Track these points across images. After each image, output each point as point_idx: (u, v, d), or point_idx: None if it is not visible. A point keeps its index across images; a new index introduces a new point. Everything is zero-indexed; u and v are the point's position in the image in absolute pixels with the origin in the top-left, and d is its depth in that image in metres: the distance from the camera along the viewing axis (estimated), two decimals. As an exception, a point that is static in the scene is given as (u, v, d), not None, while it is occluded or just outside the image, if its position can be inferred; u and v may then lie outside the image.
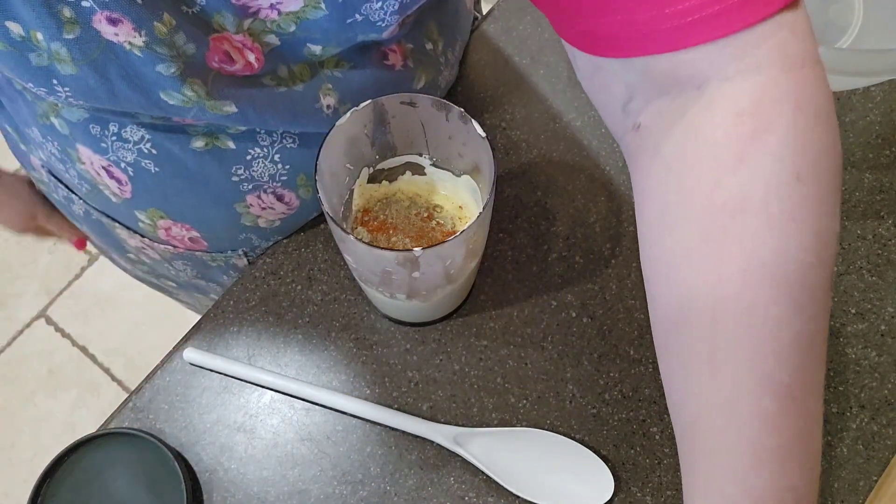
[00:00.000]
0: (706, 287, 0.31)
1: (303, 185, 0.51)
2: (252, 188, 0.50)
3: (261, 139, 0.47)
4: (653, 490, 0.47)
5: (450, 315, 0.53)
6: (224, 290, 0.57)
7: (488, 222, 0.43)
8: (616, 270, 0.54)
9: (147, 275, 0.67)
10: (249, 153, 0.48)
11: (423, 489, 0.48)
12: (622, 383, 0.50)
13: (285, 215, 0.53)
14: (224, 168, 0.48)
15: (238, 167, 0.48)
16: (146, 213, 0.52)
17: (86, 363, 1.50)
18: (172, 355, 0.53)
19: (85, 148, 0.47)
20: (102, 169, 0.48)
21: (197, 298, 0.71)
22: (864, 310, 0.52)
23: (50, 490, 0.49)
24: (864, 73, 0.51)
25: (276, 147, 0.48)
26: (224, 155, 0.47)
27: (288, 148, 0.48)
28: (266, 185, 0.50)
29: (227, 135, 0.46)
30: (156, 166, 0.47)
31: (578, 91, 0.60)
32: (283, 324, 0.54)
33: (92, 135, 0.46)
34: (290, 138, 0.48)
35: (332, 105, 0.47)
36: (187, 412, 0.52)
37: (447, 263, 0.42)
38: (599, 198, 0.56)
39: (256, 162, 0.48)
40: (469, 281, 0.49)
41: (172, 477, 0.48)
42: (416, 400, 0.51)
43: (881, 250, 0.53)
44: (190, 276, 0.63)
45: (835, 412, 0.49)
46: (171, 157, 0.47)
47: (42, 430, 1.44)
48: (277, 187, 0.50)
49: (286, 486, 0.49)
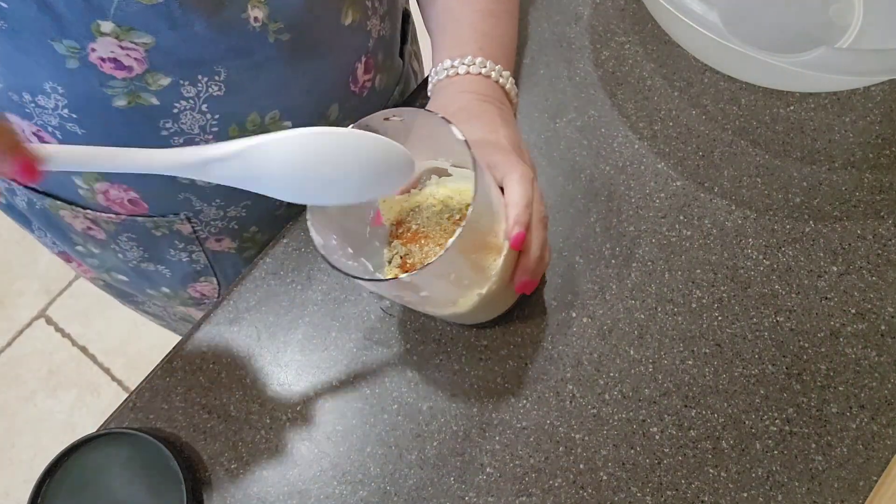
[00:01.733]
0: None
1: (236, 137, 0.50)
2: (183, 142, 0.49)
3: (185, 90, 0.46)
4: (653, 490, 0.48)
5: (516, 306, 0.52)
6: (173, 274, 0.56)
7: (485, 222, 0.42)
8: (616, 270, 0.54)
9: (99, 271, 0.67)
10: (175, 106, 0.47)
11: (423, 489, 0.48)
12: (622, 383, 0.50)
13: None
14: (151, 123, 0.47)
15: (166, 121, 0.48)
16: (82, 177, 0.52)
17: (86, 363, 1.50)
18: (172, 355, 0.53)
19: (13, 115, 0.47)
20: (33, 135, 0.48)
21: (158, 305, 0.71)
22: (864, 310, 0.52)
23: (50, 490, 0.49)
24: (864, 73, 0.51)
25: (202, 97, 0.47)
26: (149, 111, 0.47)
27: (214, 97, 0.48)
28: (197, 137, 0.49)
29: (149, 92, 0.46)
30: (81, 128, 0.47)
31: (578, 91, 0.61)
32: (283, 324, 0.54)
33: (14, 102, 0.46)
34: (215, 85, 0.47)
35: (261, 20, 0.45)
36: (187, 412, 0.52)
37: (451, 278, 0.42)
38: (599, 198, 0.56)
39: (184, 114, 0.48)
40: (505, 274, 0.46)
41: (172, 477, 0.48)
42: (416, 400, 0.51)
43: (881, 250, 0.53)
44: (137, 259, 0.62)
45: (835, 412, 0.49)
46: (95, 118, 0.46)
47: (42, 430, 1.44)
48: (210, 139, 0.50)
49: (286, 486, 0.49)
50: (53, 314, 1.55)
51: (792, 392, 0.49)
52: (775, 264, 0.53)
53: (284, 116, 0.52)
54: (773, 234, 0.54)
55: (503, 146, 0.48)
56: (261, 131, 0.50)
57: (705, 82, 0.60)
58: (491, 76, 0.52)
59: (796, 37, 0.61)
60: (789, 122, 0.58)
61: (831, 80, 0.53)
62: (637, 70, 0.61)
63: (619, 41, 0.63)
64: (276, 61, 0.48)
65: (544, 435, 0.49)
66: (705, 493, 0.47)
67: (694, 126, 0.58)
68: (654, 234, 0.55)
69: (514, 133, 0.51)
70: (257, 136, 0.35)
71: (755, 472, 0.47)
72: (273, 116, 0.51)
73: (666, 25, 0.61)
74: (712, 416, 0.49)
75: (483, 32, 0.53)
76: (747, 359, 0.50)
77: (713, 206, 0.55)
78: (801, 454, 0.48)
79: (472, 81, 0.52)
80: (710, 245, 0.54)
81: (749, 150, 0.57)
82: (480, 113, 0.50)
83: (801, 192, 0.55)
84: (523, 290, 0.47)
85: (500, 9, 0.55)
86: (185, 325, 0.77)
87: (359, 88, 0.57)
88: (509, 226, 0.43)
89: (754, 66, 0.55)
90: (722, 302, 0.52)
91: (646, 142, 0.58)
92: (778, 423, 0.49)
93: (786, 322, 0.51)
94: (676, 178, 0.56)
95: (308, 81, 0.52)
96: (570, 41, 0.63)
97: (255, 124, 0.51)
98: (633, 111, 0.59)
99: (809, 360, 0.50)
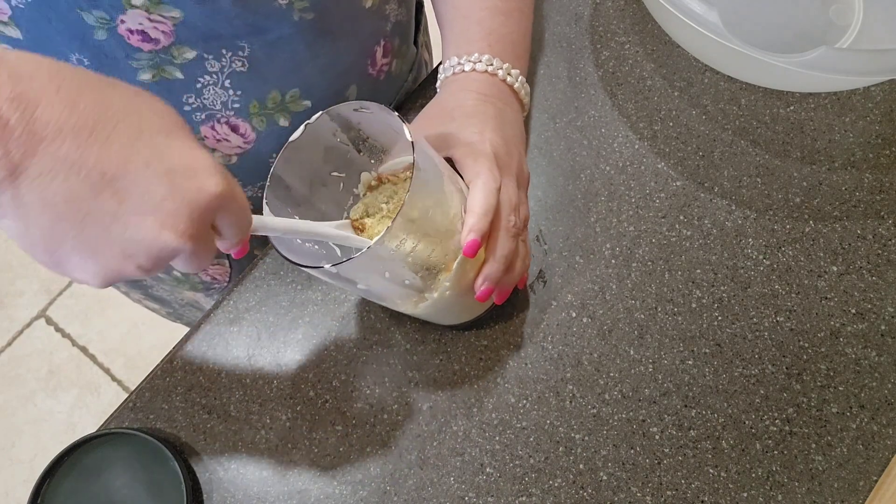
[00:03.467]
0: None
1: (256, 114, 0.52)
2: (205, 118, 0.50)
3: (209, 65, 0.47)
4: (653, 490, 0.47)
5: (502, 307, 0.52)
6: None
7: (425, 225, 0.41)
8: (616, 270, 0.54)
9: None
10: (199, 81, 0.47)
11: (423, 489, 0.48)
12: (622, 383, 0.50)
13: (242, 150, 0.53)
14: (175, 98, 0.48)
15: (189, 96, 0.48)
16: None
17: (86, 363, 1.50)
18: (172, 355, 0.53)
19: None
20: None
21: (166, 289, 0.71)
22: (864, 310, 0.52)
23: (50, 490, 0.49)
24: (864, 73, 0.51)
25: (225, 72, 0.48)
26: (173, 85, 0.47)
27: (237, 72, 0.48)
28: (219, 113, 0.50)
29: (174, 65, 0.46)
30: None
31: (578, 91, 0.60)
32: (283, 324, 0.54)
33: None
34: (238, 61, 0.48)
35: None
36: (187, 412, 0.52)
37: (385, 276, 0.42)
38: (599, 198, 0.56)
39: (207, 89, 0.48)
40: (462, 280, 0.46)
41: (172, 477, 0.48)
42: (416, 400, 0.51)
43: (881, 250, 0.53)
44: None
45: (835, 412, 0.49)
46: None
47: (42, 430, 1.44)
48: (231, 116, 0.50)
49: (286, 486, 0.49)
50: (53, 314, 1.54)
51: (792, 392, 0.49)
52: (775, 264, 0.53)
53: (304, 95, 0.53)
54: (773, 234, 0.54)
55: (481, 151, 0.47)
56: (280, 109, 0.52)
57: (705, 82, 0.60)
58: (498, 74, 0.52)
59: (796, 37, 0.61)
60: (789, 122, 0.58)
61: (831, 80, 0.53)
62: (637, 70, 0.61)
63: (619, 41, 0.63)
64: (298, 40, 0.49)
65: (544, 435, 0.49)
66: (705, 493, 0.47)
67: (694, 126, 0.58)
68: (654, 234, 0.55)
69: (505, 136, 0.49)
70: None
71: (755, 472, 0.47)
72: (293, 95, 0.52)
73: (666, 25, 0.61)
74: (712, 416, 0.49)
75: (491, 30, 0.53)
76: (747, 359, 0.50)
77: (713, 206, 0.55)
78: (801, 454, 0.48)
79: (476, 79, 0.51)
80: (710, 245, 0.54)
81: (749, 150, 0.57)
82: (474, 113, 0.49)
83: (801, 192, 0.55)
84: (485, 299, 0.46)
85: (511, 7, 0.54)
86: (190, 310, 0.77)
87: (376, 71, 0.58)
88: (464, 232, 0.43)
89: (754, 66, 0.55)
90: (722, 302, 0.52)
91: (646, 142, 0.58)
92: (778, 423, 0.49)
93: (786, 322, 0.51)
94: (676, 178, 0.56)
95: (328, 62, 0.52)
96: (570, 41, 0.63)
97: (275, 102, 0.52)
98: (633, 111, 0.59)
99: (809, 360, 0.50)
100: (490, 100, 0.51)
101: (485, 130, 0.48)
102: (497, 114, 0.50)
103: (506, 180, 0.47)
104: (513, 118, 0.52)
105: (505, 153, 0.48)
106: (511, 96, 0.53)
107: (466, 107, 0.50)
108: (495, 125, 0.49)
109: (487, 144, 0.47)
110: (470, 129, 0.48)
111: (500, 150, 0.48)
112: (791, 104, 0.59)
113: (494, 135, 0.48)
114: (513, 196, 0.47)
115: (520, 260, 0.48)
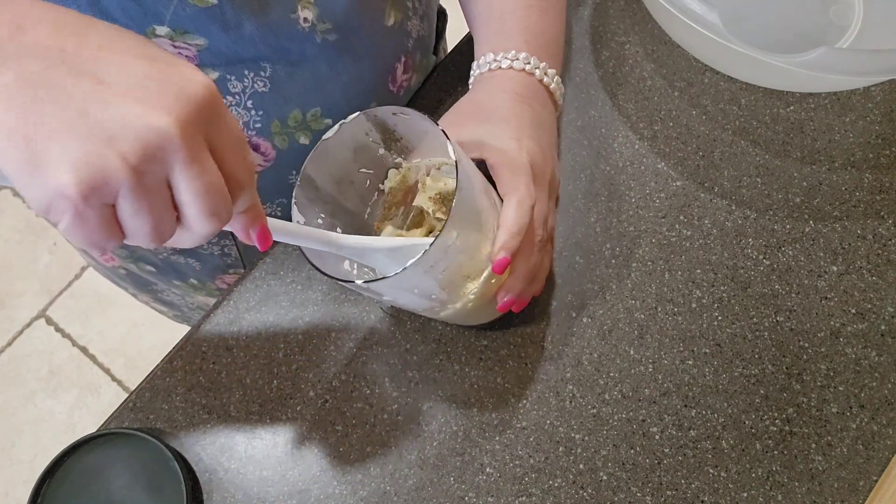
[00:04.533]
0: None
1: (277, 133, 0.51)
2: None
3: (231, 86, 0.47)
4: (653, 490, 0.47)
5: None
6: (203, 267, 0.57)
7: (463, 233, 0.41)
8: (616, 270, 0.54)
9: (127, 261, 0.66)
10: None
11: (423, 489, 0.48)
12: (622, 383, 0.50)
13: (262, 167, 0.53)
14: None
15: None
16: None
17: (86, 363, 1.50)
18: (172, 355, 0.53)
19: None
20: None
21: (178, 293, 0.71)
22: (864, 310, 0.52)
23: (50, 490, 0.49)
24: (864, 73, 0.51)
25: (247, 93, 0.48)
26: None
27: (259, 92, 0.48)
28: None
29: None
30: None
31: (579, 91, 0.60)
32: (283, 324, 0.54)
33: None
34: (260, 81, 0.48)
35: (310, 20, 0.46)
36: (187, 412, 0.52)
37: (415, 293, 0.42)
38: (599, 198, 0.56)
39: (229, 110, 0.48)
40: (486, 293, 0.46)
41: (172, 477, 0.48)
42: (416, 400, 0.51)
43: (881, 250, 0.53)
44: (168, 251, 0.62)
45: (835, 412, 0.49)
46: None
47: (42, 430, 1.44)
48: (252, 136, 0.50)
49: (286, 486, 0.49)
50: (53, 314, 1.54)
51: (792, 392, 0.49)
52: (775, 264, 0.53)
53: (325, 114, 0.53)
54: (773, 234, 0.54)
55: (518, 162, 0.45)
56: (302, 127, 0.52)
57: (705, 82, 0.60)
58: (535, 74, 0.50)
59: (796, 37, 0.61)
60: (789, 122, 0.58)
61: (831, 80, 0.53)
62: (637, 70, 0.61)
63: (619, 41, 0.63)
64: (321, 60, 0.49)
65: (544, 435, 0.49)
66: (705, 493, 0.47)
67: (694, 126, 0.58)
68: (654, 234, 0.55)
69: (541, 142, 0.48)
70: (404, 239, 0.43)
71: (755, 472, 0.47)
72: (314, 114, 0.52)
73: (666, 25, 0.61)
74: (712, 416, 0.49)
75: (528, 27, 0.51)
76: (747, 359, 0.50)
77: (713, 206, 0.55)
78: (801, 454, 0.48)
79: (513, 78, 0.50)
80: (710, 245, 0.54)
81: (749, 150, 0.57)
82: (511, 116, 0.48)
83: (801, 192, 0.55)
84: (505, 310, 0.47)
85: (547, 4, 0.53)
86: (199, 313, 0.77)
87: (397, 88, 0.58)
88: (494, 249, 0.42)
89: (754, 66, 0.55)
90: (722, 302, 0.52)
91: (646, 142, 0.58)
92: (778, 423, 0.49)
93: (786, 322, 0.51)
94: (676, 178, 0.56)
95: (350, 80, 0.52)
96: (570, 41, 0.63)
97: (296, 120, 0.52)
98: (633, 111, 0.59)
99: (809, 360, 0.50)
100: (527, 101, 0.49)
101: (522, 137, 0.47)
102: (534, 117, 0.49)
103: (539, 193, 0.46)
104: (548, 121, 0.51)
105: (541, 161, 0.47)
106: (547, 98, 0.52)
107: (503, 108, 0.48)
108: (531, 131, 0.48)
109: (525, 154, 0.46)
110: (506, 133, 0.47)
111: (537, 158, 0.47)
112: (791, 104, 0.59)
113: (531, 142, 0.47)
114: (544, 208, 0.46)
115: (542, 272, 0.48)
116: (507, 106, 0.49)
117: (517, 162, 0.45)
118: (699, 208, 0.55)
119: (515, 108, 0.49)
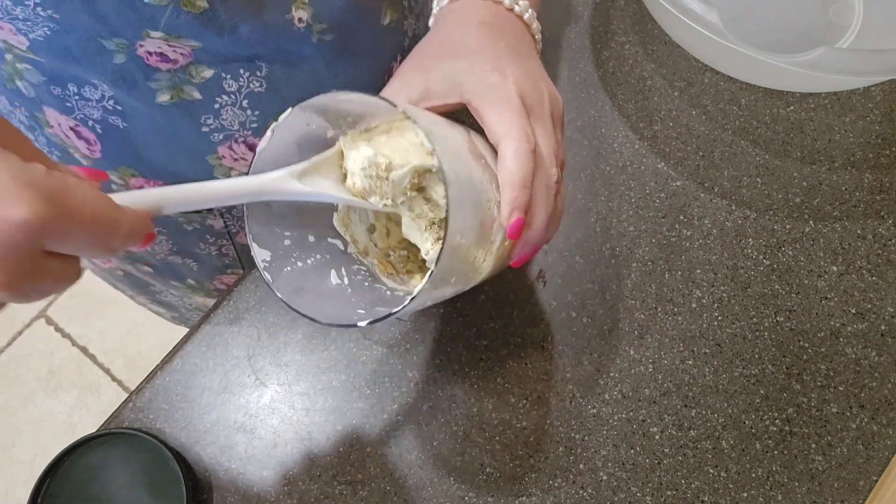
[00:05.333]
0: None
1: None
2: (223, 138, 0.50)
3: (227, 85, 0.47)
4: (653, 490, 0.47)
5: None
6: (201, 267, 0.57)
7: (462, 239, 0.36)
8: (616, 270, 0.54)
9: (124, 262, 0.66)
10: (217, 101, 0.47)
11: (423, 489, 0.48)
12: (622, 383, 0.50)
13: None
14: (193, 119, 0.48)
15: (207, 117, 0.48)
16: (117, 172, 0.52)
17: (86, 363, 1.50)
18: (172, 355, 0.53)
19: (52, 109, 0.47)
20: (70, 130, 0.48)
21: (175, 294, 0.71)
22: (864, 310, 0.52)
23: (50, 490, 0.49)
24: (864, 73, 0.51)
25: (243, 92, 0.48)
26: (192, 106, 0.47)
27: (255, 92, 0.48)
28: (237, 133, 0.50)
29: (193, 85, 0.46)
30: (123, 122, 0.47)
31: (578, 91, 0.60)
32: (283, 324, 0.54)
33: (55, 95, 0.46)
34: (256, 81, 0.48)
35: (305, 20, 0.46)
36: (187, 412, 0.52)
37: (427, 304, 0.40)
38: (599, 198, 0.56)
39: (225, 110, 0.48)
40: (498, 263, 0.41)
41: (172, 477, 0.48)
42: (416, 400, 0.51)
43: (881, 250, 0.53)
44: (166, 252, 0.62)
45: (835, 412, 0.49)
46: (138, 113, 0.47)
47: (42, 430, 1.44)
48: (248, 136, 0.50)
49: (286, 486, 0.49)
50: (53, 314, 1.55)
51: (792, 392, 0.49)
52: (775, 264, 0.53)
53: None
54: (773, 234, 0.54)
55: (505, 96, 0.39)
56: None
57: (705, 82, 0.60)
58: (503, 3, 0.44)
59: (796, 37, 0.62)
60: (789, 122, 0.58)
61: (831, 80, 0.53)
62: (637, 70, 0.61)
63: (619, 41, 0.63)
64: (317, 60, 0.49)
65: (544, 435, 0.49)
66: (705, 493, 0.47)
67: (694, 126, 0.58)
68: (654, 234, 0.55)
69: (526, 69, 0.41)
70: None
71: (755, 472, 0.47)
72: None
73: (666, 25, 0.61)
74: (712, 416, 0.49)
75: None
76: (747, 359, 0.50)
77: (713, 206, 0.55)
78: (801, 454, 0.48)
79: (478, 8, 0.44)
80: (710, 245, 0.54)
81: (749, 150, 0.57)
82: (481, 47, 0.41)
83: (801, 192, 0.55)
84: (521, 264, 0.41)
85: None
86: (198, 314, 0.77)
87: None
88: (503, 213, 0.37)
89: (754, 66, 0.55)
90: (722, 302, 0.52)
91: (646, 142, 0.58)
92: (778, 423, 0.49)
93: (786, 322, 0.51)
94: (676, 178, 0.56)
95: (348, 80, 0.52)
96: (570, 41, 0.63)
97: None
98: (633, 111, 0.59)
99: (809, 360, 0.50)
100: (497, 30, 0.43)
101: (502, 66, 0.40)
102: (509, 46, 0.42)
103: (539, 129, 0.40)
104: (528, 52, 0.44)
105: (531, 88, 0.40)
106: (523, 29, 0.45)
107: (469, 40, 0.42)
108: (511, 58, 0.41)
109: (511, 84, 0.39)
110: (483, 65, 0.40)
111: (526, 86, 0.40)
112: (791, 104, 0.59)
113: (515, 69, 0.40)
114: (551, 141, 0.40)
115: (557, 215, 0.41)
116: (475, 37, 0.42)
117: (503, 95, 0.39)
118: (699, 208, 0.55)
119: (485, 39, 0.42)
